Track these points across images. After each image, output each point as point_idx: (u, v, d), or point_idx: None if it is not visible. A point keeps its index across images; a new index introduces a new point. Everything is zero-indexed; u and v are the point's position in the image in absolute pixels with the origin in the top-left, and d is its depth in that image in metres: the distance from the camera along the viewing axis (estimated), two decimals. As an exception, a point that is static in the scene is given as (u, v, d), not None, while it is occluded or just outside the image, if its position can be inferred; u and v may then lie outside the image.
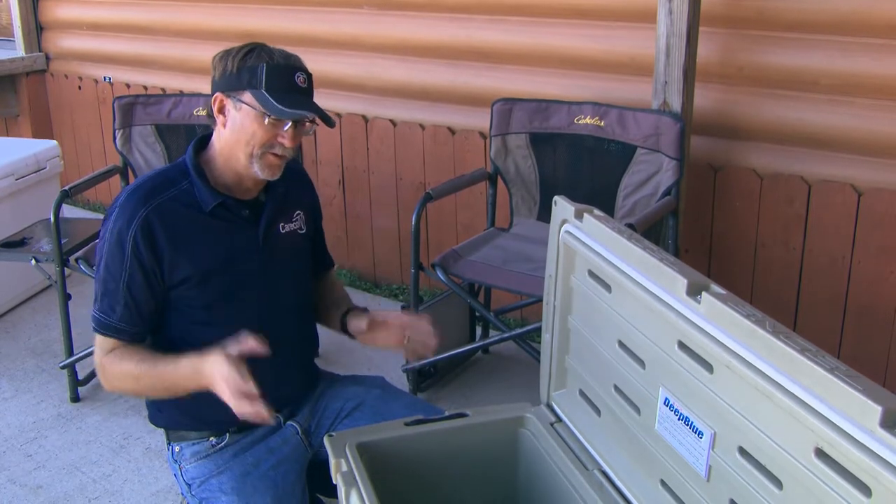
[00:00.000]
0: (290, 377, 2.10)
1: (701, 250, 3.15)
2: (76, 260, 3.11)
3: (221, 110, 1.90)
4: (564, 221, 1.80)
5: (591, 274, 1.75)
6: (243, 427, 2.04)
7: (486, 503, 2.06)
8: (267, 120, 1.84)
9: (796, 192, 2.91)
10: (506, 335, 2.86)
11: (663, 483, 1.59)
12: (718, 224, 3.10)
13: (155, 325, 1.97)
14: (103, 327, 1.91)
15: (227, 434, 2.04)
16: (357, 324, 2.10)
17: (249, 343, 1.79)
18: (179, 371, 1.87)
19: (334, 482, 1.80)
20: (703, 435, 1.42)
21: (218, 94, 1.90)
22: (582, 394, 1.88)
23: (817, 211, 2.89)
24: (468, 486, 2.02)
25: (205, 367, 1.81)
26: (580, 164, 3.10)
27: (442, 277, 2.81)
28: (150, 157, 3.52)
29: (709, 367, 1.39)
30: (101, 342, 1.94)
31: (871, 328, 2.85)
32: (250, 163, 1.89)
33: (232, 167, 1.93)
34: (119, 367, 1.91)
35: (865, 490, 1.10)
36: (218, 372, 1.76)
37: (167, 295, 1.93)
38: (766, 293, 3.03)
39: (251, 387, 1.71)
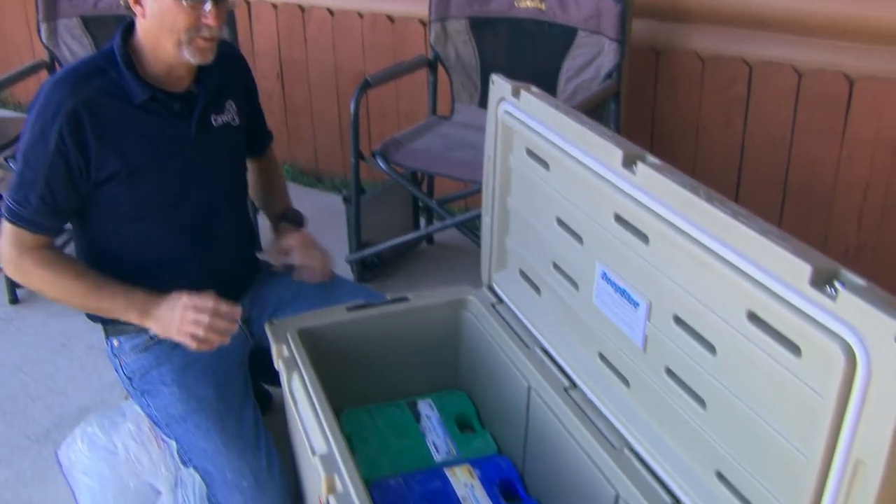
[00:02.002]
0: (227, 268, 2.08)
1: (643, 135, 3.14)
2: (5, 159, 3.01)
3: (137, 0, 1.81)
4: (502, 99, 1.77)
5: (530, 152, 1.73)
6: (182, 318, 2.03)
7: (429, 385, 2.08)
8: (185, 3, 1.76)
9: (737, 74, 2.89)
10: (448, 222, 2.85)
11: (601, 356, 1.60)
12: (661, 108, 3.09)
13: (68, 220, 1.91)
14: (16, 218, 1.83)
15: (166, 324, 2.02)
16: (282, 244, 2.15)
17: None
18: (126, 301, 1.88)
19: (276, 368, 1.80)
20: (639, 305, 1.43)
21: None
22: (522, 274, 1.88)
23: (758, 92, 2.88)
24: (410, 370, 2.04)
25: (160, 312, 1.85)
26: (521, 49, 3.05)
27: (383, 166, 2.77)
28: (78, 50, 3.39)
29: (644, 238, 1.39)
30: (12, 232, 1.85)
31: (810, 208, 2.88)
32: (179, 51, 1.81)
33: (161, 59, 1.85)
34: (47, 273, 1.86)
35: (795, 350, 1.12)
36: (180, 315, 1.81)
37: (94, 191, 1.86)
38: (708, 176, 3.04)
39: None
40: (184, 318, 1.80)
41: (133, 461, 1.97)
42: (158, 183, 1.90)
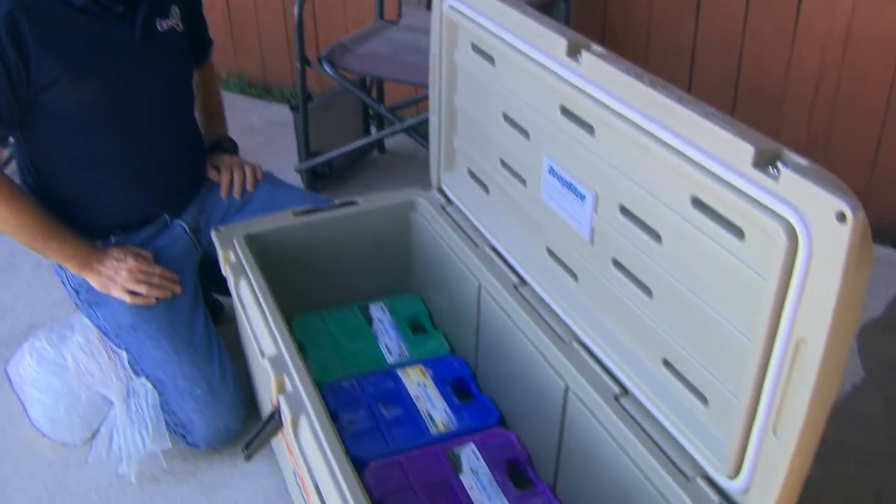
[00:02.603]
0: (173, 176, 2.04)
1: (594, 35, 3.09)
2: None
3: None
4: (446, -6, 1.72)
5: (475, 48, 1.69)
6: (128, 228, 1.99)
7: (381, 289, 2.08)
8: None
9: (689, -27, 2.86)
10: (397, 127, 2.81)
11: (549, 251, 1.60)
12: (611, 8, 3.05)
13: (12, 129, 1.85)
14: None
15: (112, 237, 1.98)
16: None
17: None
18: (72, 250, 1.91)
19: (224, 274, 1.78)
20: (585, 198, 1.42)
21: None
22: (470, 173, 1.86)
23: (710, -8, 2.85)
24: (361, 274, 2.03)
25: (103, 268, 1.90)
26: (469, -51, 2.97)
27: (329, 71, 2.72)
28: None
29: (590, 129, 1.37)
30: None
31: (761, 110, 2.88)
32: None
33: None
34: (0, 205, 1.83)
35: (739, 233, 1.12)
36: (125, 275, 1.90)
37: (35, 98, 1.80)
38: (660, 77, 3.01)
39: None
40: (129, 277, 1.88)
41: (83, 373, 1.95)
42: (102, 89, 1.85)
